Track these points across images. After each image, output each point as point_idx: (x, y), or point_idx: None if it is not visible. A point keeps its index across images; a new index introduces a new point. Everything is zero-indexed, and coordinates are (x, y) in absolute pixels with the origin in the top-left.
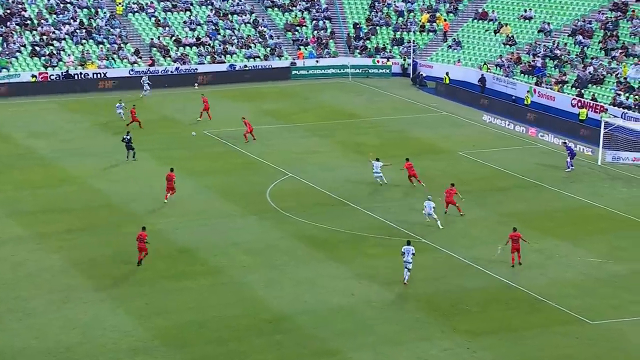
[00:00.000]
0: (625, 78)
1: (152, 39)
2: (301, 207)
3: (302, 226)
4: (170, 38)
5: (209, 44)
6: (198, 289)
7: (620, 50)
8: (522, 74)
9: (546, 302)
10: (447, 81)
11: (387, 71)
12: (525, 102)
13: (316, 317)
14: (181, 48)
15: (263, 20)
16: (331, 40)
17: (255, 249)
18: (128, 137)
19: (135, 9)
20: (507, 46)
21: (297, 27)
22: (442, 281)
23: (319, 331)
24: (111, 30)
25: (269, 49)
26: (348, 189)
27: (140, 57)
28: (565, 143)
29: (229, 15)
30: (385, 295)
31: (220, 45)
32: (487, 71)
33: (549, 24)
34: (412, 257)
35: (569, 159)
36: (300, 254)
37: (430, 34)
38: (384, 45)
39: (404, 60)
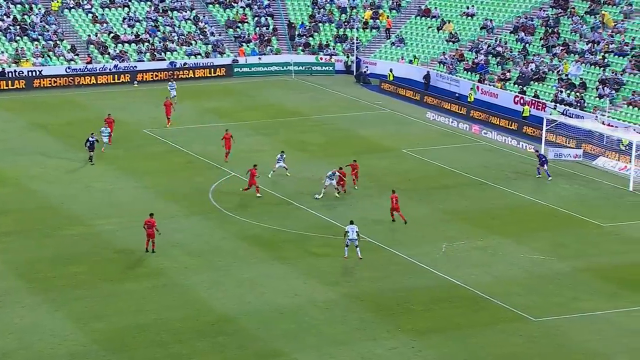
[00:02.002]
0: (566, 75)
1: (89, 35)
2: (245, 207)
3: (246, 226)
4: (108, 35)
5: (149, 41)
6: (139, 292)
7: (561, 47)
8: (466, 71)
9: (490, 300)
10: (391, 78)
11: (331, 68)
12: (469, 100)
13: (260, 318)
14: (120, 45)
15: (204, 16)
16: (274, 37)
17: (198, 250)
18: (93, 140)
19: (72, 5)
20: (450, 43)
21: (239, 24)
22: (387, 280)
23: (263, 332)
24: (46, 26)
25: (210, 46)
26: (292, 188)
27: (77, 55)
28: (537, 151)
29: (169, 12)
30: (330, 295)
31: (160, 42)
32: (420, 66)
33: (491, 20)
34: (357, 235)
35: (539, 167)
36: (243, 254)
37: (374, 30)
38: (327, 42)
39: (348, 57)
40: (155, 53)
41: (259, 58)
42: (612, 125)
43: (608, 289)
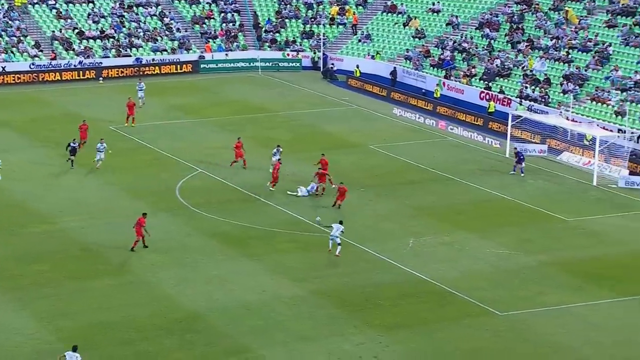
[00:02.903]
0: (531, 71)
1: (53, 31)
2: (212, 203)
3: (213, 223)
4: (73, 31)
5: (114, 37)
6: (105, 289)
7: (526, 43)
8: (432, 67)
9: (457, 295)
10: (358, 74)
11: (298, 65)
12: (435, 95)
13: (228, 314)
14: (84, 41)
15: (170, 12)
16: (240, 33)
17: (165, 247)
18: (74, 145)
19: (36, 0)
20: (417, 39)
21: (205, 20)
22: (354, 276)
23: (231, 329)
24: (10, 22)
25: (176, 42)
26: (259, 185)
27: (42, 51)
28: (516, 148)
29: (134, 8)
30: (297, 292)
31: (125, 39)
32: (387, 62)
33: (456, 17)
34: (341, 233)
35: (515, 164)
36: (211, 251)
37: (340, 27)
38: (293, 38)
39: (314, 53)
40: (120, 49)
41: (226, 54)
42: (576, 121)
43: (573, 283)
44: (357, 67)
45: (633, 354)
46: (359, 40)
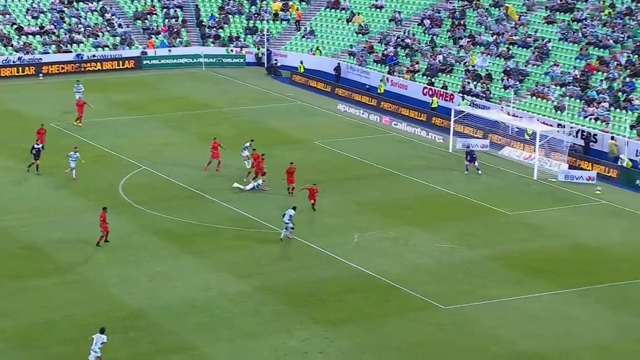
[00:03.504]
0: (473, 66)
1: None
2: (156, 201)
3: (157, 220)
4: (12, 26)
5: (54, 33)
6: (47, 288)
7: (467, 39)
8: (375, 63)
9: (401, 289)
10: (302, 70)
11: (241, 60)
12: (379, 91)
13: (172, 312)
14: (24, 37)
15: (111, 8)
16: (183, 29)
17: (108, 245)
18: (38, 147)
19: None
20: (360, 35)
21: (147, 16)
22: (300, 272)
23: (175, 326)
24: None
25: (118, 38)
26: (204, 181)
27: None
28: (468, 146)
29: (75, 3)
30: (242, 288)
31: (66, 34)
32: (331, 58)
33: (399, 12)
34: (290, 219)
35: (467, 163)
36: (155, 248)
37: (284, 22)
38: (237, 34)
39: (258, 49)
40: (61, 45)
41: (169, 50)
42: (516, 116)
43: (514, 276)
44: (301, 63)
45: (572, 345)
46: (303, 36)
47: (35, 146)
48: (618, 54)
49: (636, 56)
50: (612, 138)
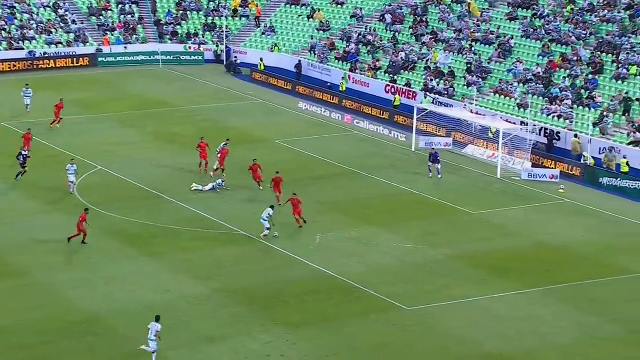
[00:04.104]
0: (435, 64)
1: None
2: (112, 202)
3: (113, 221)
4: None
5: (5, 29)
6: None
7: (430, 36)
8: (337, 60)
9: (364, 290)
10: (262, 68)
11: (200, 58)
12: (341, 89)
13: (129, 316)
14: None
15: (64, 3)
16: (140, 26)
17: (63, 248)
18: (25, 154)
19: None
20: (321, 32)
21: (102, 12)
22: (261, 274)
23: (133, 331)
24: None
25: (72, 34)
26: (162, 181)
27: None
28: (433, 148)
29: None
30: (202, 291)
31: (17, 31)
32: (291, 55)
33: (361, 9)
34: (268, 217)
35: (430, 164)
36: (111, 250)
37: (243, 19)
38: (195, 31)
39: (217, 46)
40: (12, 42)
41: (125, 47)
42: (480, 114)
43: (478, 276)
44: (261, 60)
45: (537, 344)
46: (263, 33)
47: (23, 153)
48: (580, 50)
49: (599, 53)
50: (576, 136)
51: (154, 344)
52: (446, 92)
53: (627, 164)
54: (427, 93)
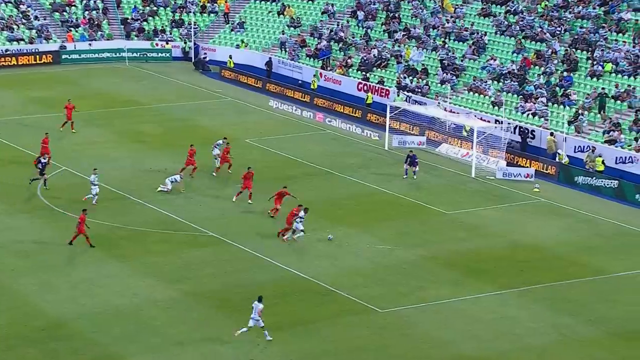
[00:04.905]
0: (406, 61)
1: None
2: (77, 203)
3: None
4: None
5: None
6: None
7: (402, 33)
8: (308, 58)
9: (337, 292)
10: (232, 65)
11: (167, 55)
12: (312, 87)
13: (96, 320)
14: None
15: None
16: (105, 22)
17: (26, 250)
18: (45, 162)
19: None
20: (292, 28)
21: (66, 7)
22: (232, 276)
23: (100, 336)
24: None
25: (34, 31)
26: (129, 182)
27: None
28: (411, 151)
29: None
30: (171, 294)
31: None
32: (262, 52)
33: (332, 5)
34: (301, 220)
35: (406, 167)
36: (77, 253)
37: (212, 15)
38: (162, 27)
39: (185, 43)
40: None
41: (89, 44)
42: (454, 112)
43: (452, 277)
44: (230, 57)
45: (512, 346)
46: (232, 30)
47: (42, 160)
48: (554, 44)
49: (573, 50)
50: (552, 134)
51: (260, 322)
52: (419, 90)
53: (603, 162)
54: (401, 90)
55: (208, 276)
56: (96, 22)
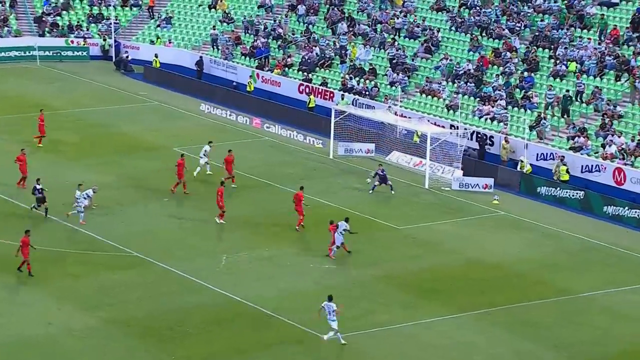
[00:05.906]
0: (351, 61)
1: None
2: None
3: None
4: None
5: None
6: None
7: (348, 29)
8: (243, 57)
9: (276, 317)
10: (157, 65)
11: (84, 53)
12: (248, 89)
13: (4, 352)
14: None
15: None
16: (12, 16)
17: None
18: (40, 187)
19: None
20: (225, 24)
21: None
22: (158, 301)
23: None
24: None
25: None
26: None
27: None
28: (380, 165)
29: None
30: (90, 322)
31: None
32: (191, 51)
33: None
34: (344, 231)
35: (376, 183)
36: None
37: (135, 9)
38: (78, 22)
39: (104, 40)
40: None
41: None
42: (405, 116)
43: (405, 299)
44: (156, 56)
45: None
46: (158, 25)
47: (37, 186)
48: (515, 41)
49: (534, 48)
50: (506, 140)
51: (335, 323)
52: (367, 92)
53: (567, 171)
54: (346, 93)
55: (131, 301)
56: (2, 17)
